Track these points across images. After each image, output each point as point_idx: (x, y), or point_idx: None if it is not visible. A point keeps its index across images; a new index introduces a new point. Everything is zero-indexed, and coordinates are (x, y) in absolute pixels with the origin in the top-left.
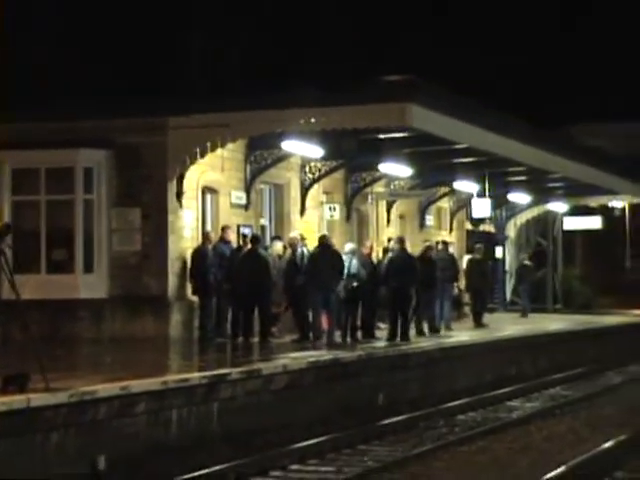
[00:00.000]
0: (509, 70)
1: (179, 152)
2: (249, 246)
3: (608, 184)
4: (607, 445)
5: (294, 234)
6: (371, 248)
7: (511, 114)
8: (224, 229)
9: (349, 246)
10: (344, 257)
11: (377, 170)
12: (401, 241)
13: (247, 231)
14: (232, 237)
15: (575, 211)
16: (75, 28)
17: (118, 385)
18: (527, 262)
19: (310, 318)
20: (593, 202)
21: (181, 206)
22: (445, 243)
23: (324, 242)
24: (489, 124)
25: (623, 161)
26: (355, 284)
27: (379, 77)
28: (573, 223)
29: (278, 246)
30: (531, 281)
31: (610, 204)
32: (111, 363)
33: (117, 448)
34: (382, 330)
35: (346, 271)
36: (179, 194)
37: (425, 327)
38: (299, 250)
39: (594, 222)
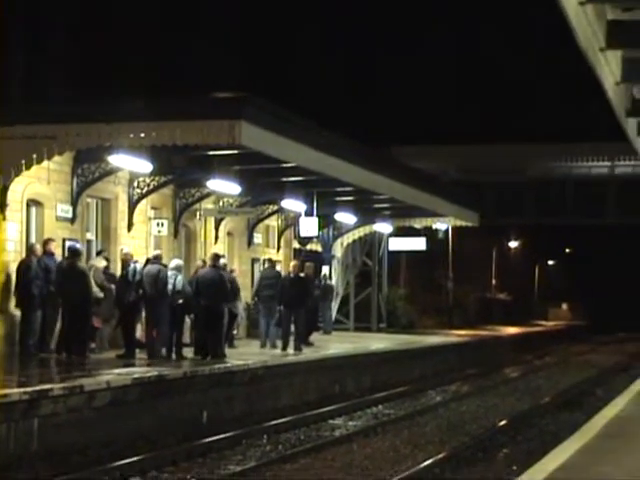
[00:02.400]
0: (337, 91)
1: (3, 163)
2: (68, 260)
3: (432, 206)
4: (427, 463)
5: (126, 250)
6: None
7: (340, 134)
8: (46, 242)
9: (175, 262)
10: (169, 273)
11: (206, 187)
12: (215, 258)
13: (76, 245)
14: (56, 250)
15: (400, 232)
16: None
17: None
18: (329, 282)
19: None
20: (418, 223)
21: (4, 218)
22: (271, 261)
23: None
24: (318, 143)
25: (447, 183)
26: (181, 301)
27: (209, 93)
28: (398, 244)
29: (101, 261)
30: (330, 299)
31: (434, 226)
32: None
33: None
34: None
35: (171, 287)
36: (2, 206)
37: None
38: (131, 266)
39: (419, 243)
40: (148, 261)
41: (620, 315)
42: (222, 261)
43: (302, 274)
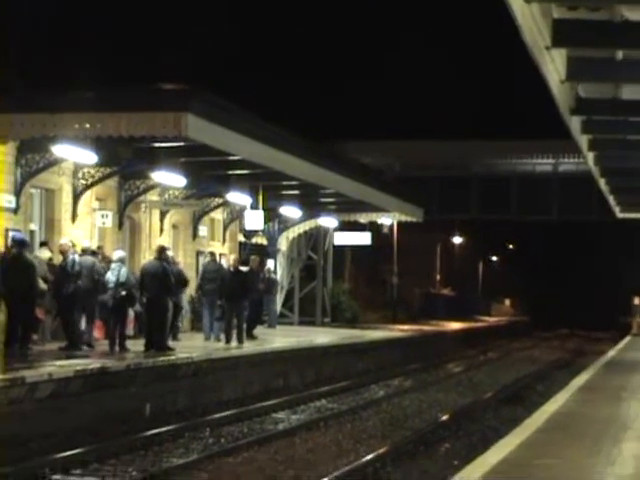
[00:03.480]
0: (285, 85)
1: None
2: (14, 250)
3: (377, 201)
4: (368, 457)
5: (65, 241)
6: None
7: (286, 128)
8: None
9: (118, 254)
10: (113, 265)
11: (151, 179)
12: (160, 250)
13: (23, 236)
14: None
15: (346, 226)
16: None
17: None
18: (274, 275)
19: (82, 325)
20: (363, 218)
21: None
22: (213, 255)
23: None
24: (264, 137)
25: (392, 179)
26: (124, 293)
27: (156, 85)
28: (343, 238)
29: (45, 252)
30: (275, 293)
31: (379, 221)
32: None
33: None
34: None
35: (115, 279)
36: None
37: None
38: (70, 257)
39: (364, 238)
40: (84, 252)
41: (562, 311)
42: (169, 253)
43: (243, 267)
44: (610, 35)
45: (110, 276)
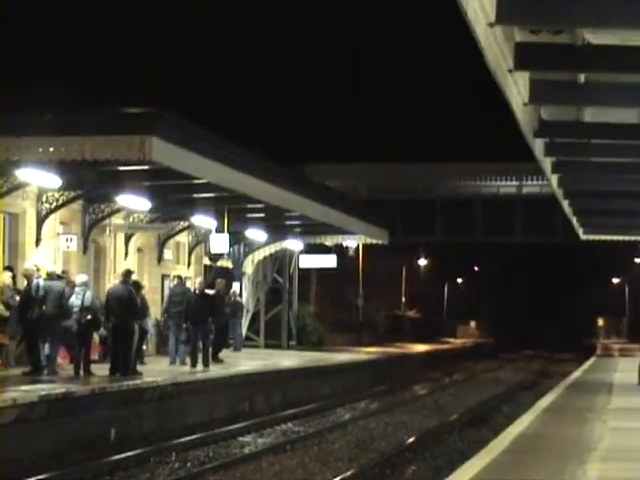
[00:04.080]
0: (251, 108)
1: None
2: None
3: (343, 224)
4: None
5: (29, 265)
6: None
7: (252, 151)
8: None
9: (82, 278)
10: (77, 289)
11: (116, 202)
12: (126, 274)
13: None
14: None
15: (311, 249)
16: None
17: None
18: (239, 299)
19: (46, 350)
20: (329, 241)
21: None
22: (180, 278)
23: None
24: (230, 160)
25: (357, 201)
26: (89, 317)
27: (120, 108)
28: (309, 261)
29: (7, 276)
30: (240, 316)
31: (345, 243)
32: None
33: None
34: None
35: (80, 303)
36: None
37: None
38: (34, 282)
39: (329, 261)
40: (49, 276)
41: (526, 333)
42: (134, 277)
43: (209, 291)
44: (572, 58)
45: (74, 300)
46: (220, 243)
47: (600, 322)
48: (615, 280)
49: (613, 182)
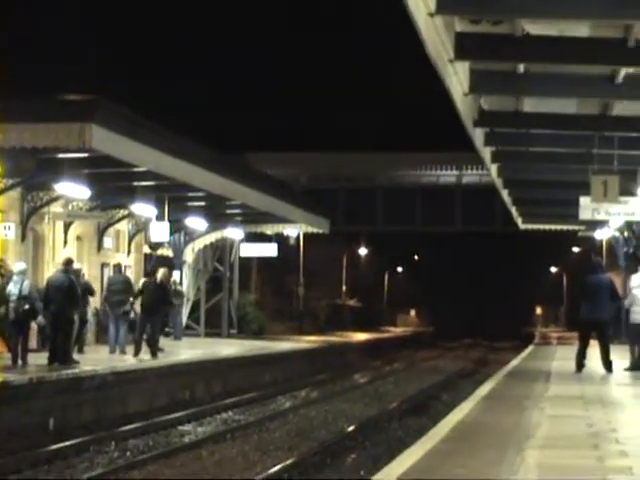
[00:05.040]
0: (192, 97)
1: None
2: None
3: (283, 212)
4: (275, 469)
5: None
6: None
7: (192, 139)
8: None
9: (20, 266)
10: (15, 278)
11: (55, 190)
12: (67, 262)
13: None
14: None
15: (252, 238)
16: None
17: None
18: (180, 287)
19: None
20: (269, 230)
21: None
22: (118, 266)
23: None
24: (170, 148)
25: (298, 190)
26: (27, 306)
27: (59, 95)
28: (250, 250)
29: None
30: (181, 305)
31: (285, 232)
32: None
33: None
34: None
35: (17, 292)
36: None
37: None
38: None
39: (270, 249)
40: None
41: (466, 321)
42: (75, 266)
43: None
44: (512, 49)
45: (12, 289)
46: (160, 231)
47: (538, 311)
48: (553, 269)
49: (551, 172)
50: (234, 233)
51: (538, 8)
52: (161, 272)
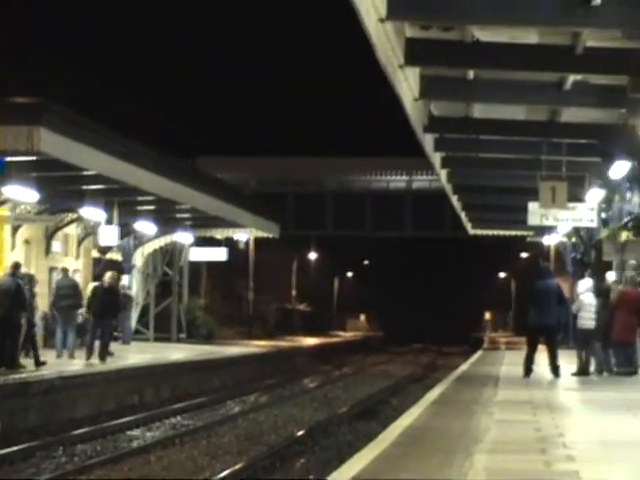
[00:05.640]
0: (141, 101)
1: None
2: None
3: (233, 217)
4: (224, 474)
5: None
6: None
7: (142, 143)
8: None
9: None
10: None
11: (2, 193)
12: (14, 266)
13: None
14: None
15: (202, 242)
16: None
17: None
18: (129, 292)
19: None
20: (219, 234)
21: None
22: (66, 270)
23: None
24: (119, 152)
25: (248, 195)
26: None
27: (7, 98)
28: (199, 254)
29: None
30: (130, 309)
31: (235, 237)
32: None
33: None
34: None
35: None
36: None
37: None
38: None
39: (219, 254)
40: None
41: (415, 326)
42: (25, 271)
43: (95, 283)
44: (462, 55)
45: None
46: (109, 235)
47: (487, 316)
48: (502, 275)
49: (500, 178)
50: (184, 237)
51: (488, 15)
52: (108, 275)
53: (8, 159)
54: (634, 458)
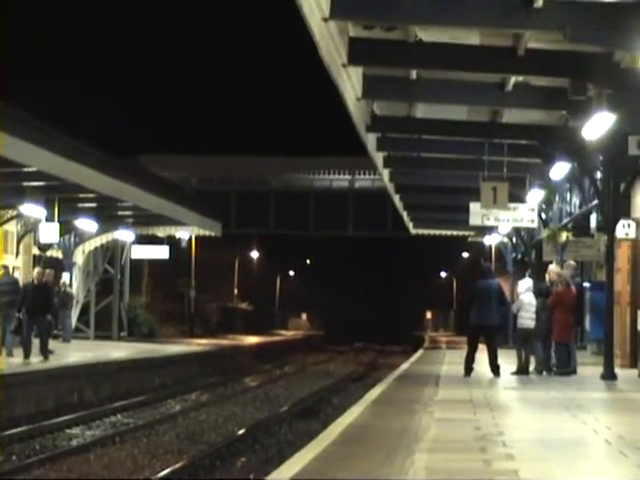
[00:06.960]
0: (84, 98)
1: None
2: None
3: (175, 215)
4: (164, 472)
5: None
6: None
7: (84, 140)
8: None
9: None
10: None
11: None
12: None
13: None
14: None
15: (143, 240)
16: None
17: None
18: (69, 289)
19: None
20: (161, 232)
21: None
22: (6, 267)
23: None
24: (60, 148)
25: (190, 193)
26: None
27: None
28: (141, 252)
29: None
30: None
31: (177, 235)
32: None
33: None
34: None
35: None
36: None
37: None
38: None
39: (161, 252)
40: None
41: (357, 325)
42: None
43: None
44: (404, 55)
45: None
46: (50, 233)
47: (429, 315)
48: (443, 274)
49: (442, 178)
50: (125, 235)
51: (430, 15)
52: (36, 271)
53: None
54: (572, 457)
